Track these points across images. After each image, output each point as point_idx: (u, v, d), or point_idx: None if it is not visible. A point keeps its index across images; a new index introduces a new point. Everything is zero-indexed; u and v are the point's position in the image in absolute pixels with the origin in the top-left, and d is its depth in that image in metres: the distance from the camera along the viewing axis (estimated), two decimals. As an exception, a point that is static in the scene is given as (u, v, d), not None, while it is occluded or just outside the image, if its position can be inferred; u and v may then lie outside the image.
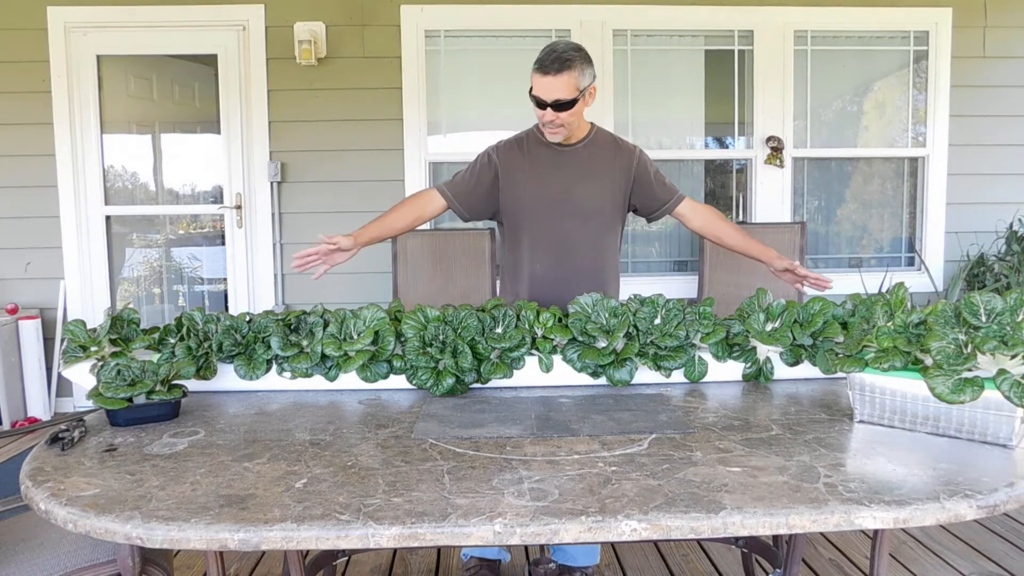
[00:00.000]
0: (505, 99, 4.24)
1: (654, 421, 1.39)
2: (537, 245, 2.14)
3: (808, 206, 4.49)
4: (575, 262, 2.14)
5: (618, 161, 2.16)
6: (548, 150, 2.13)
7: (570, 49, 1.95)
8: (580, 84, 1.96)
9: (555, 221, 2.12)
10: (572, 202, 2.11)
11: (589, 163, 2.13)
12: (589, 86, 1.99)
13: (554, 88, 1.94)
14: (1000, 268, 4.10)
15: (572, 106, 1.97)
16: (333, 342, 1.61)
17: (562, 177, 2.12)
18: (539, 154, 2.13)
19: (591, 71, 1.99)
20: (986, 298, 1.26)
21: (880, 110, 4.50)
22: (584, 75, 1.96)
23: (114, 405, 1.40)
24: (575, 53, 1.95)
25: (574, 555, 2.18)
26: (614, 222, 2.19)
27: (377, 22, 4.13)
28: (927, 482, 1.07)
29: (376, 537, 0.96)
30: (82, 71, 4.10)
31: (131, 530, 0.98)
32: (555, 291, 2.09)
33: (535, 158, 2.13)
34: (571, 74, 1.93)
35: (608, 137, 2.20)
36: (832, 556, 2.41)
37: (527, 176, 2.12)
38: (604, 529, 0.97)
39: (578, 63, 1.94)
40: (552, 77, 1.93)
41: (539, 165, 2.13)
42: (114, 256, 4.29)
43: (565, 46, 1.97)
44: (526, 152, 2.14)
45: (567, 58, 1.93)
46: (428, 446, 1.27)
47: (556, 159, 2.12)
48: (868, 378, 1.35)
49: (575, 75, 1.94)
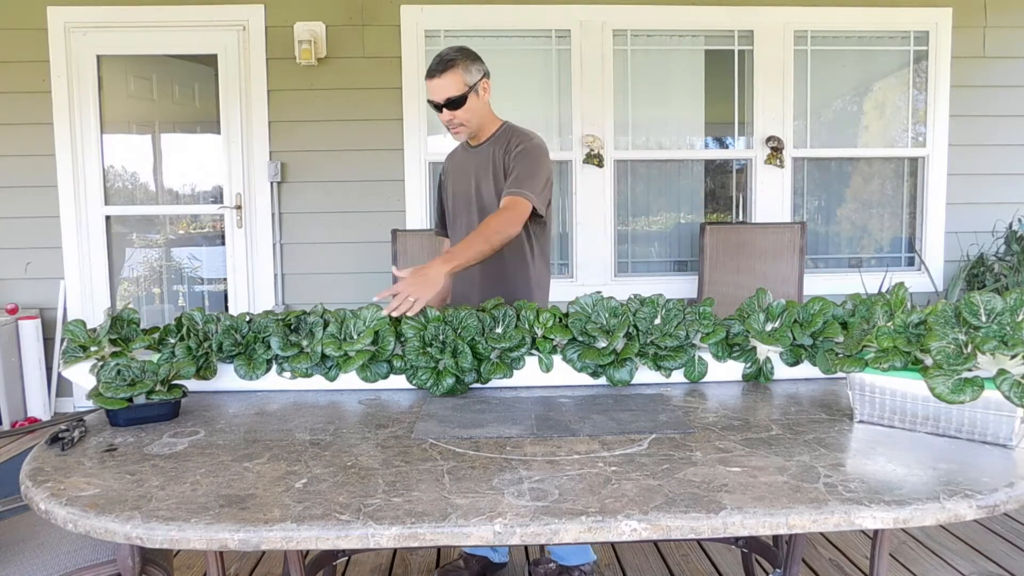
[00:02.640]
0: (505, 99, 4.23)
1: (654, 421, 1.39)
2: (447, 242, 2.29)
3: (808, 206, 4.49)
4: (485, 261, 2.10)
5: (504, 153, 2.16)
6: (463, 152, 2.25)
7: (452, 51, 2.07)
8: (467, 80, 2.05)
9: (466, 221, 2.19)
10: (478, 201, 2.17)
11: (491, 160, 2.16)
12: (479, 81, 2.09)
13: (442, 88, 2.04)
14: (1000, 268, 4.10)
15: (463, 102, 2.06)
16: (333, 342, 1.61)
17: (471, 177, 2.18)
18: (459, 157, 2.26)
19: (478, 67, 2.09)
20: (986, 298, 1.26)
21: (880, 110, 4.50)
22: (469, 72, 2.06)
23: (114, 405, 1.40)
24: (457, 53, 2.06)
25: (565, 555, 2.19)
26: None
27: (377, 22, 4.13)
28: (927, 482, 1.07)
29: (376, 537, 0.96)
30: (82, 71, 4.10)
31: (131, 530, 0.98)
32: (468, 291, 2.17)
33: (456, 162, 2.27)
34: (455, 72, 2.04)
35: (510, 132, 2.19)
36: (832, 556, 2.41)
37: (450, 180, 2.27)
38: (604, 529, 0.97)
39: (461, 61, 2.05)
40: (438, 79, 2.04)
41: (457, 168, 2.25)
42: (114, 256, 4.29)
43: (447, 50, 2.08)
44: (455, 156, 2.29)
45: (449, 58, 2.04)
46: (428, 446, 1.27)
47: (467, 160, 2.22)
48: (868, 378, 1.35)
49: (459, 72, 2.04)
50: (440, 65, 2.04)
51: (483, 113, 2.14)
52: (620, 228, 4.40)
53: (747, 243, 3.95)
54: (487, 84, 2.12)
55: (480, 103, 2.11)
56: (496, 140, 2.18)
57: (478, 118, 2.13)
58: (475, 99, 2.09)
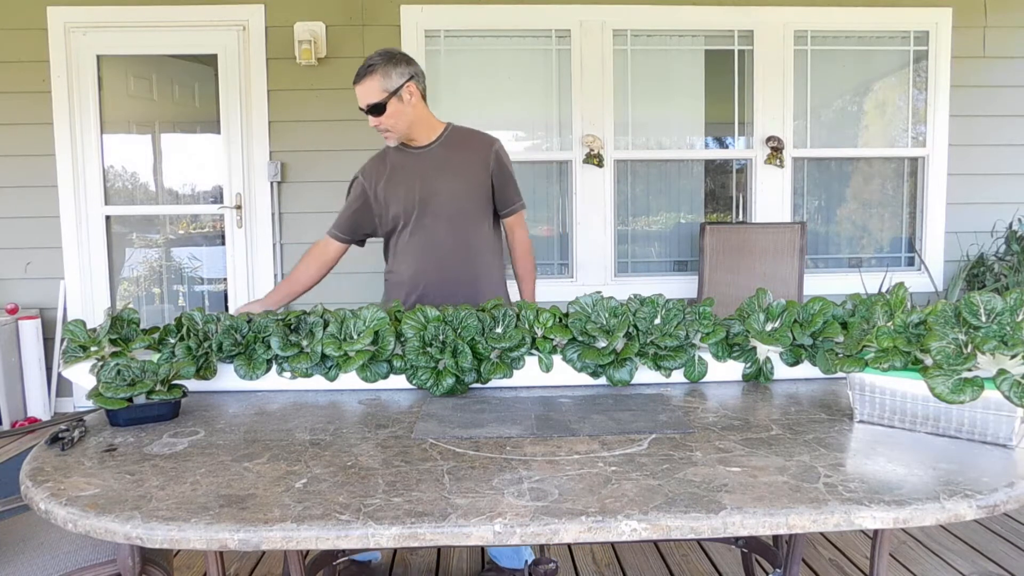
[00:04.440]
0: (505, 99, 4.24)
1: (654, 421, 1.39)
2: (406, 251, 2.20)
3: (808, 206, 4.49)
4: (444, 263, 2.16)
5: (475, 156, 2.18)
6: (405, 156, 2.18)
7: (375, 56, 2.06)
8: (386, 86, 2.05)
9: (419, 224, 2.16)
10: (433, 203, 2.14)
11: (445, 162, 2.15)
12: (402, 86, 2.06)
13: (362, 95, 2.06)
14: (1000, 268, 4.10)
15: (384, 108, 2.05)
16: (333, 342, 1.61)
17: (420, 179, 2.15)
18: (398, 161, 2.19)
19: (401, 72, 2.06)
20: (986, 298, 1.26)
21: (880, 110, 4.50)
22: (390, 77, 2.04)
23: (114, 405, 1.40)
24: (378, 59, 2.05)
25: (498, 556, 2.25)
26: (480, 220, 2.20)
27: (377, 22, 4.13)
28: (927, 482, 1.07)
29: (376, 537, 0.96)
30: (82, 71, 4.10)
31: (131, 530, 0.98)
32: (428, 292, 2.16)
33: (395, 166, 2.19)
34: (374, 79, 2.04)
35: (463, 133, 2.22)
36: (832, 556, 2.41)
37: (389, 184, 2.19)
38: (604, 529, 0.97)
39: (380, 67, 2.04)
40: (360, 86, 2.06)
41: (398, 171, 2.18)
42: (114, 256, 4.29)
43: (372, 55, 2.07)
44: (387, 162, 2.21)
45: (369, 64, 2.05)
46: (428, 446, 1.27)
47: (413, 162, 2.17)
48: (868, 378, 1.35)
49: (378, 78, 2.04)
50: (361, 73, 2.05)
51: (412, 117, 2.11)
52: (620, 228, 4.40)
53: (747, 243, 3.95)
54: (413, 88, 2.08)
55: (406, 107, 2.08)
56: (449, 140, 2.17)
57: (405, 122, 2.10)
58: (398, 104, 2.06)
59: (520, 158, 4.28)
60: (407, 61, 2.08)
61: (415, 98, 2.09)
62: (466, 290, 2.14)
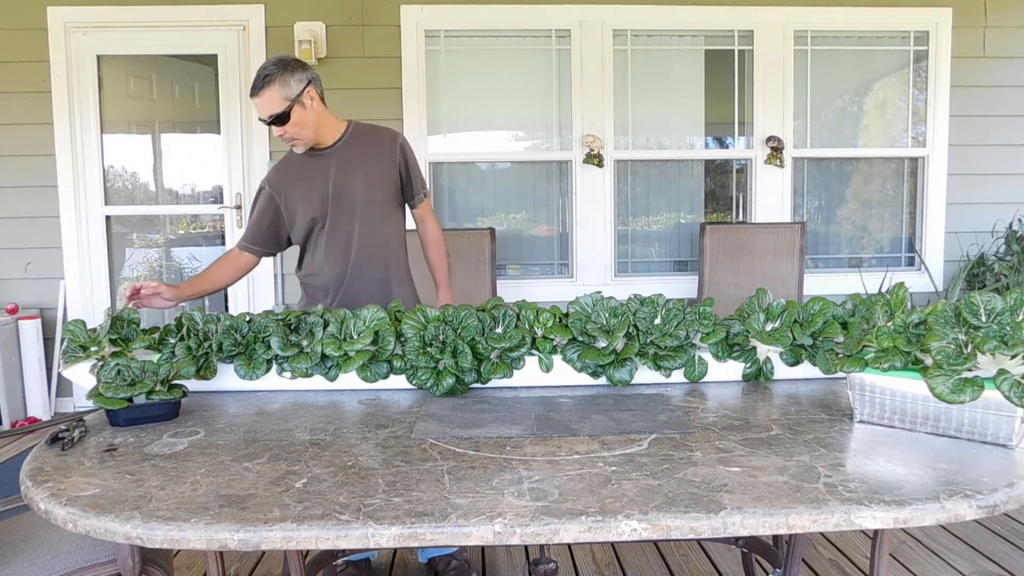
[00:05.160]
0: (505, 99, 4.24)
1: (654, 421, 1.39)
2: (318, 249, 2.20)
3: (808, 206, 4.49)
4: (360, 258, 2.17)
5: (381, 150, 2.19)
6: (311, 158, 2.17)
7: (269, 65, 2.02)
8: (286, 94, 2.01)
9: (332, 221, 2.16)
10: (345, 200, 2.14)
11: (351, 159, 2.15)
12: (302, 92, 2.03)
13: (263, 106, 2.02)
14: (1000, 268, 4.10)
15: (288, 116, 2.02)
16: (333, 342, 1.61)
17: (328, 178, 2.14)
18: (303, 164, 2.17)
19: (299, 78, 2.03)
20: (986, 298, 1.26)
21: (880, 110, 4.50)
22: (288, 85, 2.01)
23: (114, 405, 1.40)
24: (273, 68, 2.01)
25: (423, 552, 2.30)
26: (391, 212, 2.23)
27: (377, 22, 4.13)
28: (927, 482, 1.07)
29: (376, 537, 0.96)
30: (82, 71, 4.10)
31: (131, 530, 0.98)
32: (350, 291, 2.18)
33: (300, 169, 2.18)
34: (272, 88, 2.00)
35: (367, 129, 2.23)
36: (832, 556, 2.41)
37: (297, 187, 2.16)
38: (604, 529, 0.97)
39: (278, 76, 2.00)
40: (259, 98, 2.01)
41: (305, 173, 2.17)
42: (114, 256, 4.29)
43: (266, 64, 2.03)
44: (292, 166, 2.19)
45: (266, 74, 2.00)
46: (428, 446, 1.27)
47: (320, 163, 2.16)
48: (868, 378, 1.35)
49: (276, 88, 2.00)
50: (257, 84, 2.00)
51: (317, 121, 2.09)
52: (620, 228, 4.40)
53: (747, 243, 3.95)
54: (313, 92, 2.06)
55: (309, 112, 2.06)
56: (351, 138, 2.17)
57: (311, 127, 2.08)
58: (301, 111, 2.04)
59: (520, 158, 4.28)
60: (303, 67, 2.05)
61: (316, 102, 2.07)
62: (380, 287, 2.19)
